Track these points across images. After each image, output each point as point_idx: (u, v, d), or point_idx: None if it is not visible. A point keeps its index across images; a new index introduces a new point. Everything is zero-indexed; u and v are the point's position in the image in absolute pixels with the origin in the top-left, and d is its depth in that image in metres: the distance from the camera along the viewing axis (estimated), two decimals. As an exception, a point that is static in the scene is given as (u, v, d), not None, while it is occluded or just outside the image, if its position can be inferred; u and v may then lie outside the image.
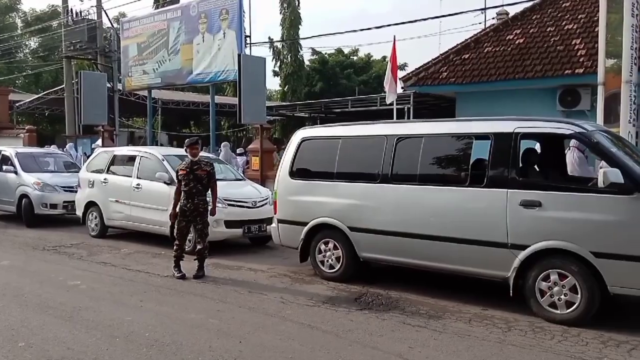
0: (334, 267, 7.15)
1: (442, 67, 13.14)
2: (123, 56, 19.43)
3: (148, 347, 4.74)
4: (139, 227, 9.86)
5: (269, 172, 12.89)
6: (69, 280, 7.12)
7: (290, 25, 35.01)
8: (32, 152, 13.88)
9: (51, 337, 4.96)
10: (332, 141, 7.42)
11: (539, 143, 7.12)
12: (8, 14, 40.84)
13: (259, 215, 9.11)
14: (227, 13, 15.48)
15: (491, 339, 4.99)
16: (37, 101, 28.20)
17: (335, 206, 7.06)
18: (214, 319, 5.56)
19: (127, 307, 5.94)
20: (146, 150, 10.47)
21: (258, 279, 7.34)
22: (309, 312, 5.81)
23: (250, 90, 12.37)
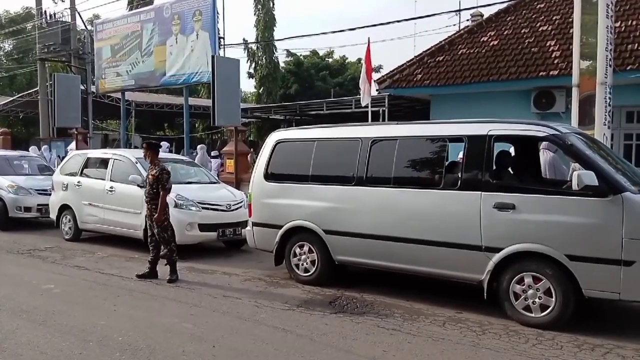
0: (309, 271, 7.13)
1: (417, 69, 13.17)
2: (97, 58, 19.14)
3: (121, 351, 4.68)
4: (112, 231, 9.72)
5: (244, 174, 12.83)
6: (43, 284, 7.00)
7: (265, 26, 34.89)
8: (6, 155, 13.62)
9: (24, 342, 4.88)
10: (307, 143, 7.40)
11: (513, 145, 7.17)
12: (-19, 16, 39.98)
13: (233, 218, 9.05)
14: (201, 14, 15.35)
15: (465, 343, 5.01)
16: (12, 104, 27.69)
17: (310, 209, 7.05)
18: (187, 323, 5.50)
19: (100, 311, 5.86)
20: (119, 153, 10.35)
21: (232, 282, 7.29)
22: (283, 316, 5.79)
23: (225, 92, 12.28)
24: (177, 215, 8.65)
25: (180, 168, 10.62)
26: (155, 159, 7.55)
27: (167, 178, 7.36)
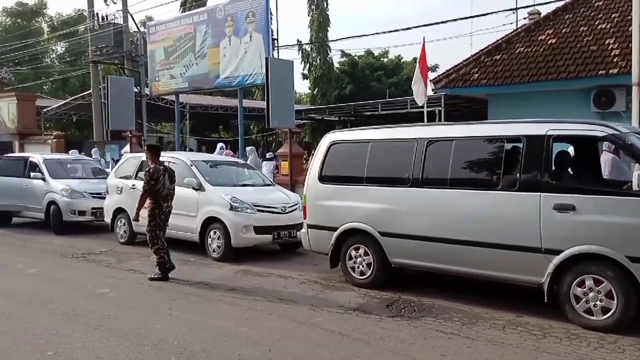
0: (364, 274, 7.03)
1: (473, 68, 12.93)
2: (150, 60, 19.56)
3: (177, 355, 4.70)
4: (168, 234, 9.77)
5: (299, 176, 12.83)
6: (98, 288, 7.13)
7: (319, 27, 34.95)
8: (60, 159, 13.91)
9: (79, 346, 4.95)
10: (362, 145, 7.32)
11: (572, 145, 7.00)
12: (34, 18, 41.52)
13: (288, 220, 9.03)
14: (254, 16, 15.44)
15: (525, 347, 4.88)
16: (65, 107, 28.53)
17: (365, 211, 6.96)
18: (243, 326, 5.49)
19: (156, 315, 5.92)
20: (174, 156, 10.48)
21: (288, 285, 7.26)
22: (339, 320, 5.71)
23: (279, 94, 12.29)
24: (232, 218, 8.74)
25: (235, 170, 10.73)
26: (155, 160, 7.66)
27: (147, 179, 7.44)
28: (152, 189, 7.47)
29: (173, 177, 7.82)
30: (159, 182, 7.48)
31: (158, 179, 7.47)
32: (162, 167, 7.65)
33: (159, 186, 7.49)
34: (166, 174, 7.62)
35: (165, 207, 7.67)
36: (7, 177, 12.93)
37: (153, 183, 7.45)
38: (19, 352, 4.78)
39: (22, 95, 24.24)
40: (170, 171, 7.81)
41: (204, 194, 9.19)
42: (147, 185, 7.47)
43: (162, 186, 7.52)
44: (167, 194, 7.64)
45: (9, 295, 6.82)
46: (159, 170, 7.54)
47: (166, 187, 7.59)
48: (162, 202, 7.60)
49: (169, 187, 7.65)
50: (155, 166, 7.60)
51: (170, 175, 7.74)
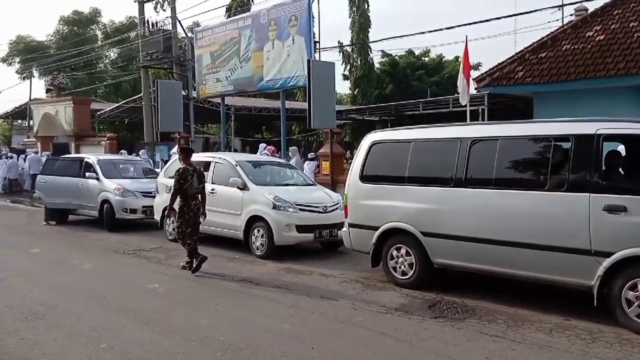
0: (406, 274, 7.02)
1: (518, 66, 12.68)
2: (197, 65, 20.07)
3: (223, 351, 4.82)
4: (214, 232, 10.10)
5: (340, 176, 12.89)
6: (148, 284, 7.37)
7: (360, 28, 34.95)
8: (113, 159, 14.48)
9: (131, 340, 5.14)
10: (404, 144, 7.31)
11: (623, 145, 6.75)
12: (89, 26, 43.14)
13: (330, 220, 9.11)
14: (296, 19, 15.62)
15: (574, 351, 4.77)
16: (117, 110, 29.59)
17: (407, 211, 6.95)
18: (286, 324, 5.59)
19: (202, 311, 6.08)
20: (220, 156, 10.74)
21: (329, 284, 7.32)
22: (381, 320, 5.73)
23: (320, 95, 12.42)
24: (275, 217, 8.88)
25: (278, 170, 10.89)
26: (186, 161, 8.12)
27: (177, 179, 7.92)
28: (181, 188, 7.91)
29: (202, 178, 8.23)
30: (187, 182, 7.91)
31: (187, 179, 7.91)
32: (191, 168, 8.06)
33: (187, 185, 7.91)
34: (195, 175, 8.03)
35: (194, 205, 8.06)
36: (65, 177, 13.53)
37: (182, 182, 7.89)
38: (75, 345, 5.00)
39: (78, 99, 25.27)
40: (199, 172, 8.21)
41: (248, 193, 9.37)
42: (177, 185, 7.93)
43: (189, 186, 7.93)
44: (195, 193, 8.05)
45: (66, 289, 7.15)
46: (188, 171, 7.98)
47: (194, 187, 8.00)
48: (190, 200, 8.01)
49: (197, 187, 8.04)
50: (185, 167, 8.05)
51: (199, 176, 8.15)
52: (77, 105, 23.71)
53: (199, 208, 8.17)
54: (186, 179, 7.93)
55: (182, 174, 7.96)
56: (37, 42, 42.40)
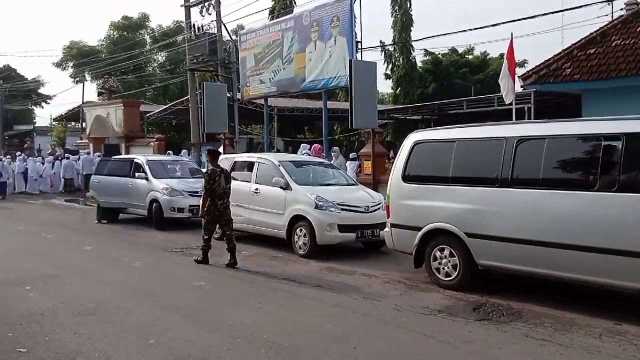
0: (450, 275, 6.94)
1: (565, 63, 12.34)
2: (241, 67, 20.35)
3: (267, 349, 4.90)
4: (257, 230, 10.26)
5: (381, 176, 12.85)
6: (194, 281, 7.55)
7: (402, 27, 34.66)
8: (161, 160, 14.92)
9: (178, 336, 5.27)
10: (447, 144, 7.24)
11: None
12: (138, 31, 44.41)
13: (372, 220, 9.09)
14: (339, 20, 15.64)
15: (625, 357, 4.63)
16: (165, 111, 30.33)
17: (450, 211, 6.88)
18: (329, 323, 5.62)
19: (247, 309, 6.19)
20: (263, 157, 10.90)
21: (372, 284, 7.32)
22: (424, 321, 5.70)
23: (362, 95, 12.40)
24: (317, 216, 8.94)
25: (320, 170, 10.95)
26: (214, 163, 8.70)
27: (207, 180, 8.44)
28: (211, 188, 8.39)
29: (229, 178, 8.70)
30: (215, 182, 8.41)
31: (215, 180, 8.41)
32: (219, 170, 8.59)
33: (215, 186, 8.41)
34: (222, 175, 8.52)
35: (220, 204, 8.50)
36: (116, 177, 14.04)
37: (212, 183, 8.39)
38: (125, 340, 5.18)
39: (128, 101, 26.14)
40: (226, 173, 8.73)
41: (290, 193, 9.46)
42: (208, 185, 8.44)
43: (217, 186, 8.43)
44: (222, 193, 8.51)
45: (117, 286, 7.40)
46: (216, 172, 8.50)
47: (221, 187, 8.47)
48: (217, 199, 8.46)
49: (224, 187, 8.50)
50: (213, 168, 8.60)
51: (226, 177, 8.63)
52: (127, 108, 24.54)
53: (227, 207, 8.59)
54: (214, 179, 8.40)
55: (210, 175, 8.47)
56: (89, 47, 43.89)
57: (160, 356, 4.74)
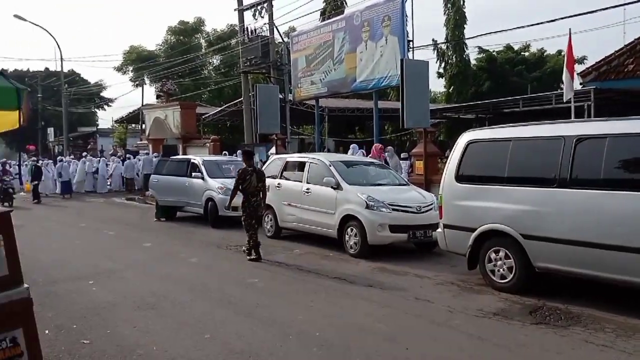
0: (505, 277, 6.78)
1: (628, 59, 11.86)
2: (293, 68, 20.57)
3: (318, 346, 4.94)
4: (309, 229, 10.35)
5: (434, 176, 12.70)
6: (248, 278, 7.71)
7: (455, 25, 34.15)
8: (216, 160, 15.31)
9: (232, 331, 5.40)
10: (502, 143, 7.07)
11: None
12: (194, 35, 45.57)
13: (424, 220, 9.00)
14: (390, 19, 15.56)
15: (693, 366, 4.40)
16: (220, 113, 31.07)
17: (506, 212, 6.72)
18: (380, 323, 5.61)
19: (299, 306, 6.26)
20: (315, 157, 10.97)
21: (424, 285, 7.25)
22: (478, 323, 5.60)
23: (414, 94, 12.28)
24: (368, 216, 8.93)
25: (371, 170, 10.93)
26: (247, 163, 9.15)
27: (237, 178, 9.03)
28: (240, 187, 8.94)
29: (261, 177, 9.16)
30: (246, 181, 8.89)
31: (245, 178, 8.91)
32: (250, 169, 9.05)
33: (246, 184, 8.90)
34: (254, 174, 8.98)
35: (253, 201, 8.97)
36: (173, 176, 14.53)
37: (241, 182, 8.93)
38: (181, 334, 5.35)
39: (185, 104, 26.86)
40: (259, 172, 9.24)
41: (341, 193, 9.49)
42: (236, 184, 9.03)
43: (248, 184, 8.90)
44: (254, 190, 8.96)
45: (174, 281, 7.65)
46: (247, 171, 8.98)
47: (252, 185, 8.92)
48: (250, 197, 8.95)
49: (255, 185, 8.95)
50: (245, 168, 9.09)
51: (259, 175, 9.09)
52: (184, 110, 25.25)
53: (259, 204, 9.08)
54: (245, 178, 8.91)
55: (241, 174, 8.98)
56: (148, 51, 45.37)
57: (215, 351, 4.86)
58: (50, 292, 6.81)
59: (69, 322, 5.71)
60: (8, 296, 3.37)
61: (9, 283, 3.40)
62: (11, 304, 3.38)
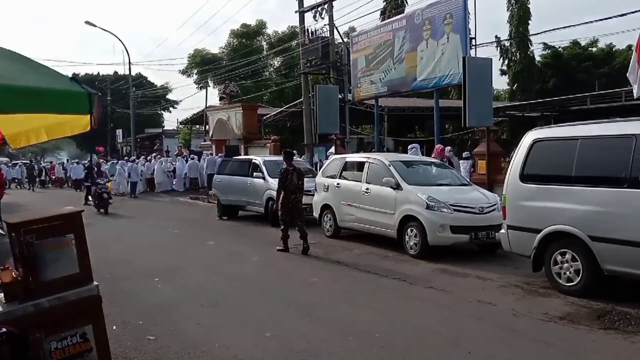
0: (572, 280, 6.53)
1: None
2: (352, 68, 20.54)
3: (379, 348, 4.93)
4: (368, 229, 10.33)
5: (497, 176, 12.37)
6: (308, 278, 7.78)
7: (519, 21, 33.15)
8: (277, 160, 15.44)
9: (293, 330, 5.47)
10: (569, 142, 6.82)
11: None
12: (256, 37, 46.45)
13: (486, 221, 8.80)
14: (451, 17, 15.27)
15: None
16: (280, 114, 31.51)
17: (573, 213, 6.48)
18: (442, 326, 5.54)
19: (358, 307, 6.26)
20: (374, 157, 10.94)
21: (487, 287, 7.09)
22: (543, 328, 5.43)
23: (476, 93, 12.05)
24: (429, 217, 8.82)
25: (431, 170, 10.79)
26: (288, 163, 9.68)
27: (280, 177, 9.60)
28: (284, 185, 9.52)
29: (301, 176, 9.70)
30: (287, 180, 9.51)
31: (287, 177, 9.52)
32: (291, 168, 9.62)
33: (287, 183, 9.50)
34: (295, 174, 9.57)
35: (293, 198, 9.58)
36: (235, 176, 14.89)
37: (284, 180, 9.52)
38: (242, 332, 5.47)
39: (247, 105, 27.43)
40: (299, 171, 9.73)
41: (401, 193, 9.42)
42: (280, 182, 9.59)
43: (290, 182, 9.51)
44: (294, 189, 9.57)
45: (236, 279, 7.85)
46: (289, 171, 9.57)
47: (293, 183, 9.54)
48: (290, 194, 9.55)
49: (296, 183, 9.57)
50: (286, 167, 9.66)
51: (299, 175, 9.64)
52: (246, 111, 25.81)
53: (299, 201, 9.69)
54: (287, 177, 9.52)
55: (283, 173, 9.58)
56: (211, 54, 46.57)
57: (276, 349, 4.94)
58: (117, 288, 7.06)
59: (135, 318, 5.92)
60: (79, 294, 3.53)
61: (79, 281, 3.56)
62: (82, 301, 3.53)
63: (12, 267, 3.51)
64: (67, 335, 3.44)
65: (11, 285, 3.40)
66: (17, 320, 3.26)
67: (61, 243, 3.48)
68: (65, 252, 3.50)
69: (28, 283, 3.39)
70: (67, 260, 3.51)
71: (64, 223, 3.53)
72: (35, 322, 3.32)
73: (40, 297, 3.39)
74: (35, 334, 3.29)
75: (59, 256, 3.47)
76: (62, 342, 3.41)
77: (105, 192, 17.39)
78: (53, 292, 3.43)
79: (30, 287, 3.39)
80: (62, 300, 3.45)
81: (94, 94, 3.26)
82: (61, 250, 3.48)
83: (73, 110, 3.23)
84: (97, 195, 17.49)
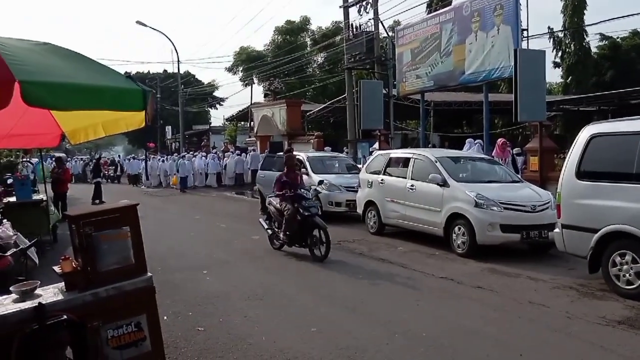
0: (632, 283, 6.22)
1: None
2: (398, 63, 20.26)
3: (425, 347, 4.82)
4: (413, 227, 10.15)
5: (550, 173, 11.97)
6: (353, 274, 7.69)
7: (574, 11, 31.91)
8: (320, 156, 15.56)
9: (338, 326, 5.42)
10: (631, 137, 6.48)
11: None
12: (299, 34, 46.57)
13: (538, 220, 8.49)
14: (502, 8, 14.83)
15: None
16: (324, 110, 31.48)
17: (634, 212, 6.16)
18: (491, 326, 5.36)
19: (404, 305, 6.14)
20: (420, 153, 10.75)
21: (539, 288, 6.83)
22: (600, 332, 5.18)
23: (528, 86, 11.70)
24: (477, 215, 8.59)
25: (480, 166, 10.52)
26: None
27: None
28: None
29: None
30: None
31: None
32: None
33: None
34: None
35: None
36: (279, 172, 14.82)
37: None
38: (289, 326, 5.46)
39: (290, 101, 27.64)
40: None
41: (448, 190, 9.21)
42: None
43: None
44: None
45: (281, 273, 7.88)
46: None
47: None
48: None
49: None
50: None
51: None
52: (290, 107, 25.97)
53: None
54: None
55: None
56: (256, 52, 46.99)
57: (321, 344, 4.90)
58: (168, 280, 7.21)
59: (185, 309, 6.03)
60: (134, 284, 3.64)
61: (135, 272, 3.67)
62: (137, 291, 3.64)
63: (72, 257, 3.62)
64: (123, 324, 3.54)
65: (71, 275, 3.52)
66: (77, 308, 3.38)
67: (118, 235, 3.60)
68: (121, 244, 3.61)
69: (87, 273, 3.50)
70: (123, 252, 3.62)
71: (120, 216, 3.65)
72: (94, 311, 3.42)
73: (98, 286, 3.50)
74: (93, 321, 3.39)
75: (115, 247, 3.58)
76: (118, 331, 3.52)
77: None
78: (110, 282, 3.54)
79: (89, 277, 3.50)
80: (118, 290, 3.55)
81: (148, 92, 3.32)
82: (118, 242, 3.60)
83: (129, 107, 3.30)
84: None
